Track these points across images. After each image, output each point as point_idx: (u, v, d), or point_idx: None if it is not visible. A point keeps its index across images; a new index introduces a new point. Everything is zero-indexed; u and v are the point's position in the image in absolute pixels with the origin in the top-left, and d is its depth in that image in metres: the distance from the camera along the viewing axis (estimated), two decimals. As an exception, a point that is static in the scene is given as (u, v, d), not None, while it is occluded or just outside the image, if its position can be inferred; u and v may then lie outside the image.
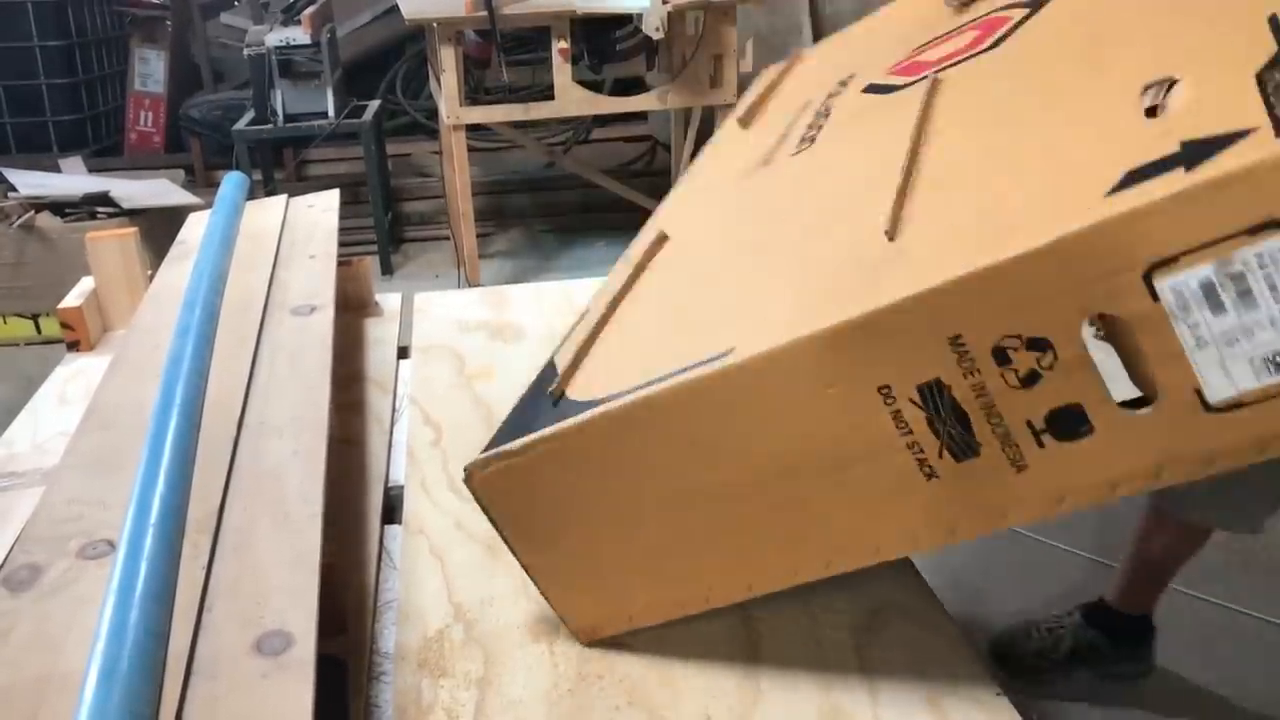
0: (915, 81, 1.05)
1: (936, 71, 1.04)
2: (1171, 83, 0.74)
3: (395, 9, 3.93)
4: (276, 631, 0.76)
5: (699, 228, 1.08)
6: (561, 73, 3.23)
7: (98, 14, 4.73)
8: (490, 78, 3.69)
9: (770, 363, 0.75)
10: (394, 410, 1.31)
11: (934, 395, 0.72)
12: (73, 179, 3.90)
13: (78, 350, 1.49)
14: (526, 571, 0.88)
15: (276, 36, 3.73)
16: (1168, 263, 0.65)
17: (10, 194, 3.50)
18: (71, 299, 1.52)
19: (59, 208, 3.39)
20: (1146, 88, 0.75)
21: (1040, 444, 0.72)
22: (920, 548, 0.80)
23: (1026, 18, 1.05)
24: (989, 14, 1.14)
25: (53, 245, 3.32)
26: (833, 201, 0.94)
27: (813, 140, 1.08)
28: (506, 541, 0.87)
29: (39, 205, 3.38)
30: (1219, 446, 0.70)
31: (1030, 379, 0.70)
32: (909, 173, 0.85)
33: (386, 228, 4.01)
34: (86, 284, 1.56)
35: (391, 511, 1.12)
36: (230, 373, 1.13)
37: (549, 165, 4.53)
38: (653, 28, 3.12)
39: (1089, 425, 0.71)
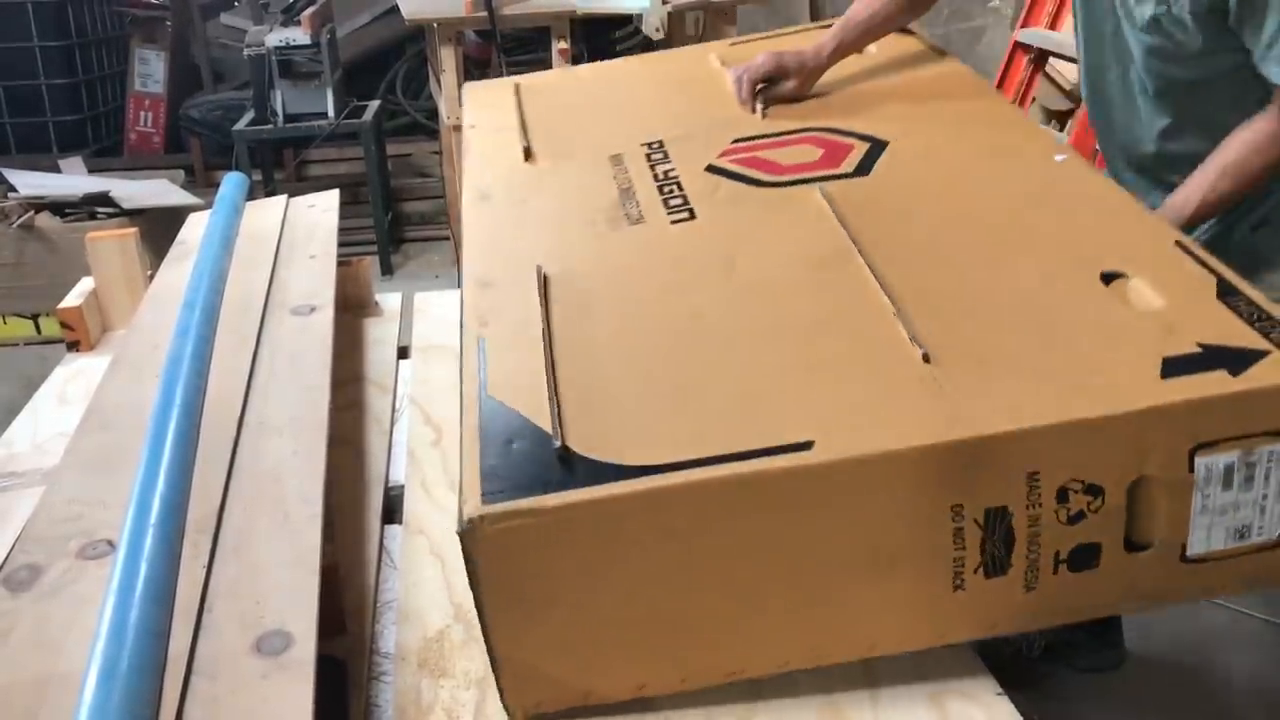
0: (788, 184, 1.18)
1: (805, 180, 1.17)
2: (1120, 275, 0.94)
3: (395, 9, 3.93)
4: (276, 631, 0.76)
5: (610, 271, 1.07)
6: (561, 73, 3.23)
7: (98, 14, 4.72)
8: (490, 77, 3.69)
9: (863, 467, 0.78)
10: (394, 410, 1.31)
11: (996, 519, 0.80)
12: (73, 179, 3.90)
13: (78, 350, 1.48)
14: (489, 638, 0.80)
15: (276, 37, 3.73)
16: (1211, 445, 0.80)
17: (10, 194, 3.49)
18: (71, 299, 1.52)
19: (59, 208, 3.38)
20: (1103, 274, 0.94)
21: (1055, 571, 0.82)
22: (910, 647, 0.84)
23: (876, 150, 1.22)
24: (816, 130, 1.29)
25: (53, 245, 3.32)
26: (808, 298, 0.98)
27: (691, 214, 1.15)
28: (482, 604, 0.79)
29: (39, 205, 3.37)
30: (1176, 588, 0.86)
31: (1077, 518, 0.81)
32: (891, 297, 0.93)
33: (386, 228, 4.01)
34: (86, 284, 1.56)
35: (391, 511, 1.12)
36: (230, 373, 1.13)
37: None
38: (653, 28, 3.12)
39: (1097, 561, 0.82)
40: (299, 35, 3.71)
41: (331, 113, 3.79)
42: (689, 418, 0.84)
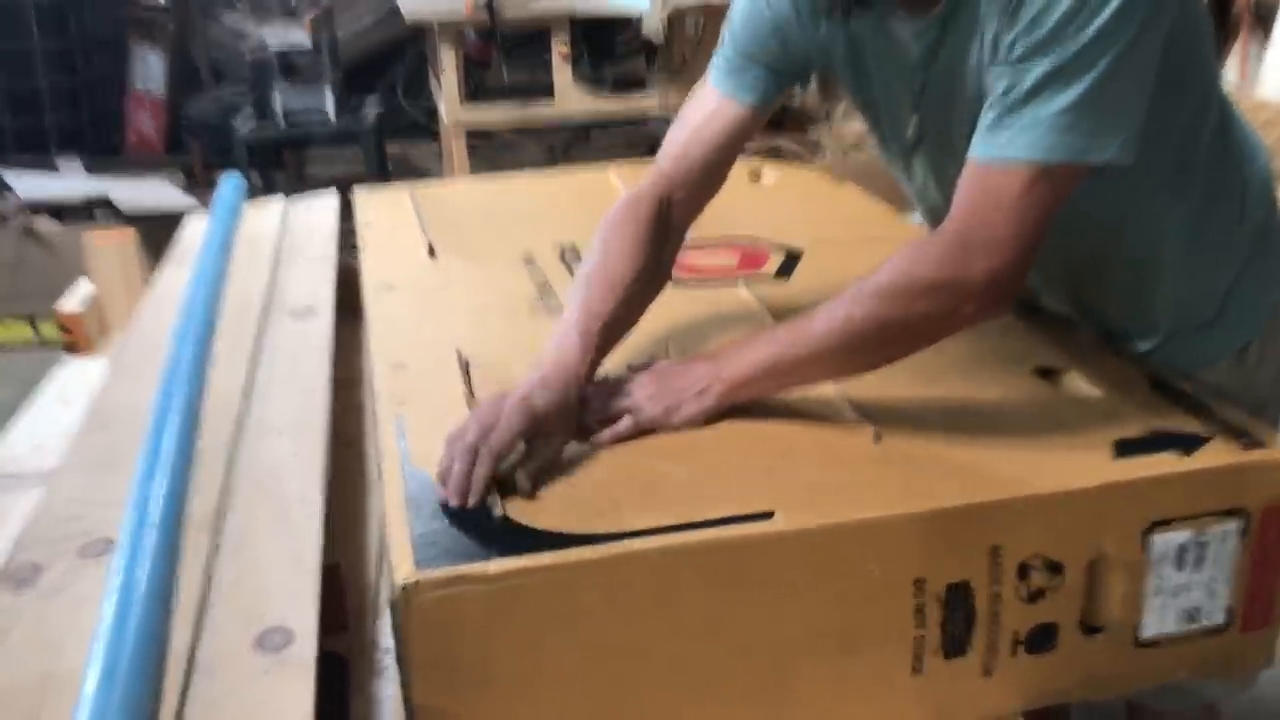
0: (711, 283, 1.21)
1: (729, 279, 1.21)
2: (1055, 369, 0.98)
3: (396, 10, 3.93)
4: (277, 628, 0.76)
5: (534, 354, 1.03)
6: (561, 73, 3.24)
7: (98, 14, 4.72)
8: (490, 78, 3.70)
9: (827, 537, 0.77)
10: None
11: (957, 596, 0.80)
12: (71, 181, 3.90)
13: (76, 353, 1.49)
14: (415, 715, 0.74)
15: (276, 37, 3.73)
16: (1165, 524, 0.82)
17: (9, 195, 3.49)
18: (70, 302, 1.52)
19: (58, 210, 3.39)
20: (1038, 369, 0.98)
21: (1013, 654, 0.82)
22: None
23: (793, 258, 1.27)
24: (729, 238, 1.31)
25: (51, 247, 3.32)
26: None
27: None
28: (409, 682, 0.73)
29: (37, 207, 3.37)
30: (1129, 673, 0.87)
31: (1036, 596, 0.81)
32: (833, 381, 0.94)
33: (386, 228, 4.01)
34: (85, 286, 1.56)
35: (391, 512, 1.12)
36: (229, 374, 1.13)
37: (548, 166, 4.53)
38: (653, 31, 3.12)
39: (1054, 644, 0.83)
40: (299, 36, 3.72)
41: (331, 113, 3.79)
42: (635, 492, 0.81)
